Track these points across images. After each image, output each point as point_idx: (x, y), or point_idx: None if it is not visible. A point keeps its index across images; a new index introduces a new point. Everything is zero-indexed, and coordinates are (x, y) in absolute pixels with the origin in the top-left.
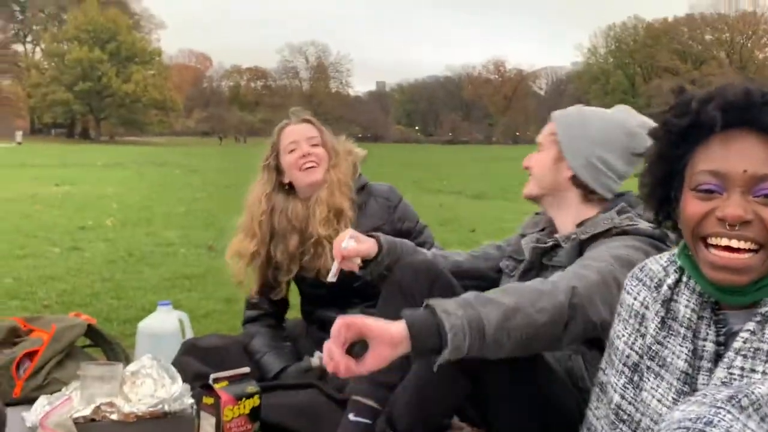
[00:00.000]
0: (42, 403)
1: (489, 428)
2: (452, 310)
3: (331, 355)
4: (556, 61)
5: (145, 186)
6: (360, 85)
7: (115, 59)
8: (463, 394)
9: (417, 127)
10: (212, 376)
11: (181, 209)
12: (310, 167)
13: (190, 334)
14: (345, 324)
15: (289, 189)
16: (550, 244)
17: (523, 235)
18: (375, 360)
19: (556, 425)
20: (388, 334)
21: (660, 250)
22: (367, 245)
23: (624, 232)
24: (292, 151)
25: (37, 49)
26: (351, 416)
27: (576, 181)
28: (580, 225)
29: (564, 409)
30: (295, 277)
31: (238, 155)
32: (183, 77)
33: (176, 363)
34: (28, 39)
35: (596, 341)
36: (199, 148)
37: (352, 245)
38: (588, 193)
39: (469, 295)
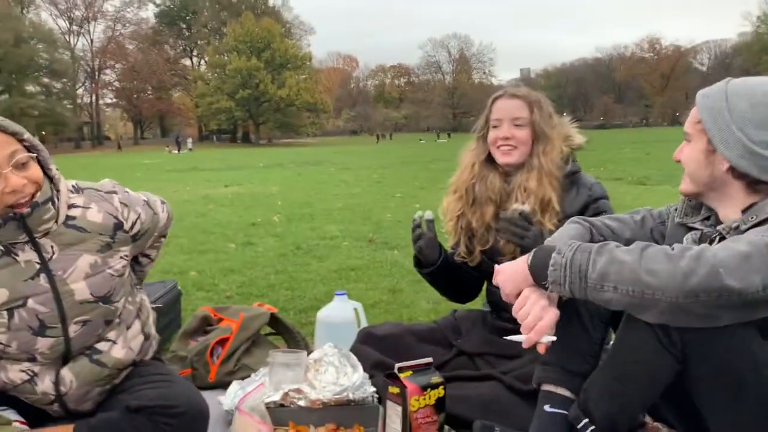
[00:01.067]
0: (235, 388)
1: (689, 427)
2: (564, 250)
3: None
4: (719, 34)
5: (304, 184)
6: (504, 74)
7: (270, 66)
8: (666, 379)
9: (565, 113)
10: (397, 365)
11: (338, 204)
12: (506, 151)
13: (365, 323)
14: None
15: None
16: (716, 239)
17: (682, 225)
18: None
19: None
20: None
21: None
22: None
23: None
24: (495, 127)
25: (202, 62)
26: (547, 408)
27: (736, 173)
28: (745, 211)
29: None
30: (489, 254)
31: (386, 152)
32: (332, 79)
33: (354, 351)
34: (194, 53)
35: None
36: (350, 147)
37: (551, 339)
38: (754, 183)
39: (604, 243)
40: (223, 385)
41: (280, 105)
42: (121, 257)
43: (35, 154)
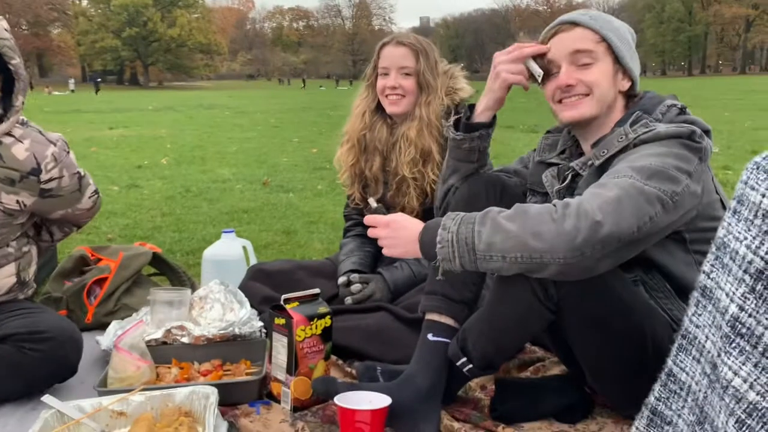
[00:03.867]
0: (114, 327)
1: (564, 354)
2: (449, 226)
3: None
4: None
5: (196, 127)
6: (404, 21)
7: (159, 3)
8: (540, 327)
9: (462, 64)
10: (283, 296)
11: (232, 148)
12: (393, 100)
13: (254, 261)
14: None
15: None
16: (569, 176)
17: (541, 162)
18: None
19: (640, 349)
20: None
21: (692, 149)
22: None
23: (642, 142)
24: (384, 75)
25: None
26: (430, 336)
27: (627, 91)
28: (594, 145)
29: (654, 333)
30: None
31: (284, 97)
32: (226, 20)
33: (243, 288)
34: None
35: (652, 264)
36: (246, 91)
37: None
38: (628, 103)
39: (486, 211)
40: (101, 326)
41: (170, 45)
42: (18, 200)
43: None
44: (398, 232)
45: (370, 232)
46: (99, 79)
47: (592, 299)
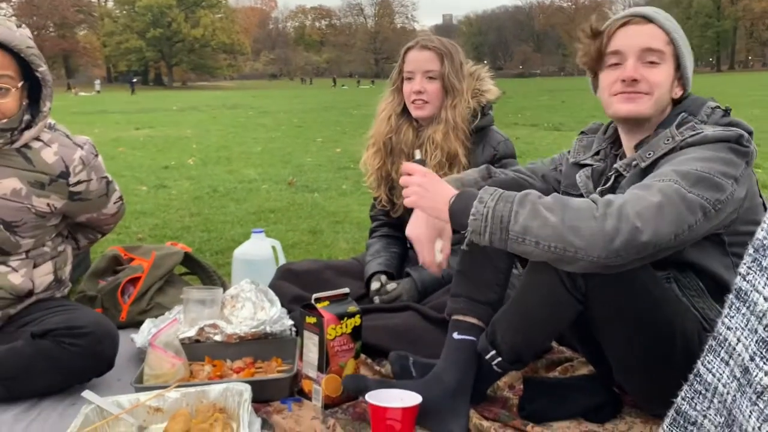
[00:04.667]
0: (148, 325)
1: (592, 353)
2: (486, 199)
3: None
4: None
5: (221, 128)
6: (426, 19)
7: (183, 4)
8: (569, 318)
9: (485, 61)
10: (314, 296)
11: (257, 148)
12: (419, 105)
13: (283, 261)
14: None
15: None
16: (612, 177)
17: (575, 164)
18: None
19: (669, 347)
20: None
21: (740, 153)
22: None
23: (689, 145)
24: (408, 79)
25: None
26: (455, 335)
27: (679, 98)
28: (638, 146)
29: (684, 331)
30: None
31: (306, 96)
32: (249, 19)
33: (272, 287)
34: None
35: (687, 263)
36: (269, 91)
37: (441, 259)
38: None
39: (526, 193)
40: (135, 325)
41: (194, 45)
42: (48, 203)
43: (20, 84)
44: (433, 186)
45: (403, 180)
46: (134, 80)
47: (620, 291)
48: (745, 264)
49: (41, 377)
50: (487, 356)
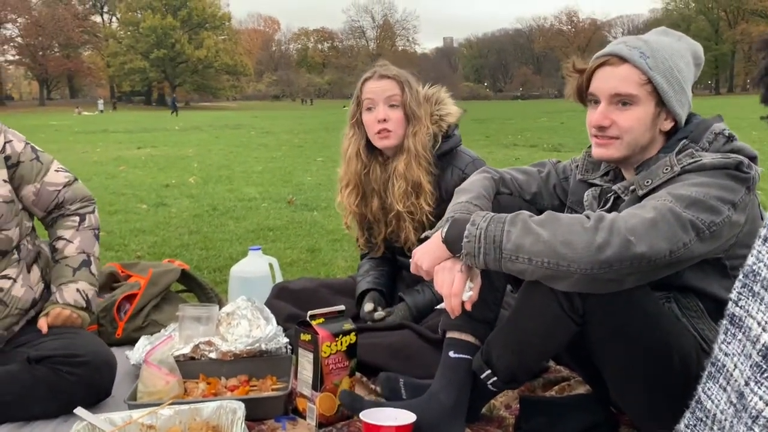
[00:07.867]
0: (144, 342)
1: (588, 372)
2: (479, 222)
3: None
4: (632, 9)
5: (223, 147)
6: (427, 42)
7: (187, 25)
8: (565, 339)
9: (486, 83)
10: (309, 313)
11: (258, 168)
12: (384, 135)
13: (280, 278)
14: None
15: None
16: (611, 198)
17: (582, 181)
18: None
19: (666, 367)
20: (435, 242)
21: (739, 180)
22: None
23: (686, 172)
24: (369, 109)
25: (114, 19)
26: (451, 353)
27: (671, 131)
28: (638, 168)
29: (682, 350)
30: (386, 242)
31: (307, 117)
32: (252, 41)
33: (268, 305)
34: (105, 9)
35: (688, 285)
36: (271, 112)
37: (470, 295)
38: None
39: (517, 213)
40: (131, 342)
41: (197, 66)
42: (3, 180)
43: None
44: (423, 248)
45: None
46: (176, 101)
47: (617, 312)
48: (735, 290)
49: (37, 404)
50: (482, 375)
